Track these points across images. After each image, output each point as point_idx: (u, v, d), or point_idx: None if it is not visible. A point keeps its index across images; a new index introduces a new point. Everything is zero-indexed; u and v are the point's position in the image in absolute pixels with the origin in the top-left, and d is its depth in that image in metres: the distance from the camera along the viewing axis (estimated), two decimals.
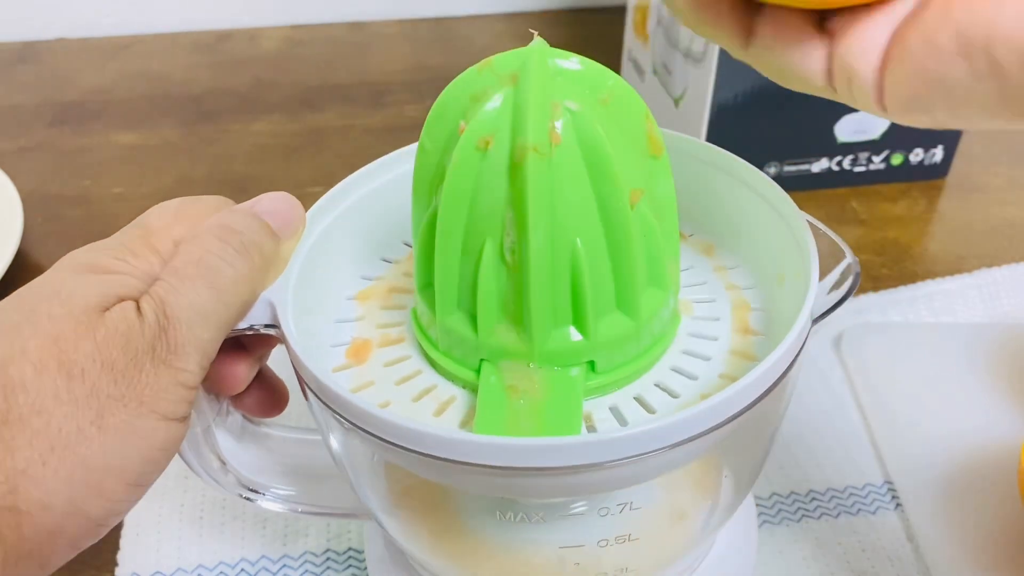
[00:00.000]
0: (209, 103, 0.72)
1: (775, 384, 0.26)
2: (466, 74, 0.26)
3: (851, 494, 0.42)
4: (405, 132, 0.68)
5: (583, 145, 0.25)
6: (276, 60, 0.78)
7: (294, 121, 0.70)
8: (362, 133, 0.68)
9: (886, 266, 0.55)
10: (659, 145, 0.27)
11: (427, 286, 0.29)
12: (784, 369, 0.26)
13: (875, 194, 0.61)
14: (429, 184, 0.27)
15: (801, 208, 0.30)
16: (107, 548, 0.40)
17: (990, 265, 0.53)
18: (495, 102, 0.25)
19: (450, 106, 0.26)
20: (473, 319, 0.27)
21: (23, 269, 0.54)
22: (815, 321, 0.28)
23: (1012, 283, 0.51)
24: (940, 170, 0.62)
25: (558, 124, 0.24)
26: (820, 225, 0.30)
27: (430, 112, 0.27)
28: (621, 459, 0.24)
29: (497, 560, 0.32)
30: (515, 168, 0.25)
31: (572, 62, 0.25)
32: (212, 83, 0.75)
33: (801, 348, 0.27)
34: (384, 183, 0.33)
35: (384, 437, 0.25)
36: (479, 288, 0.26)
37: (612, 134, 0.25)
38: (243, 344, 0.30)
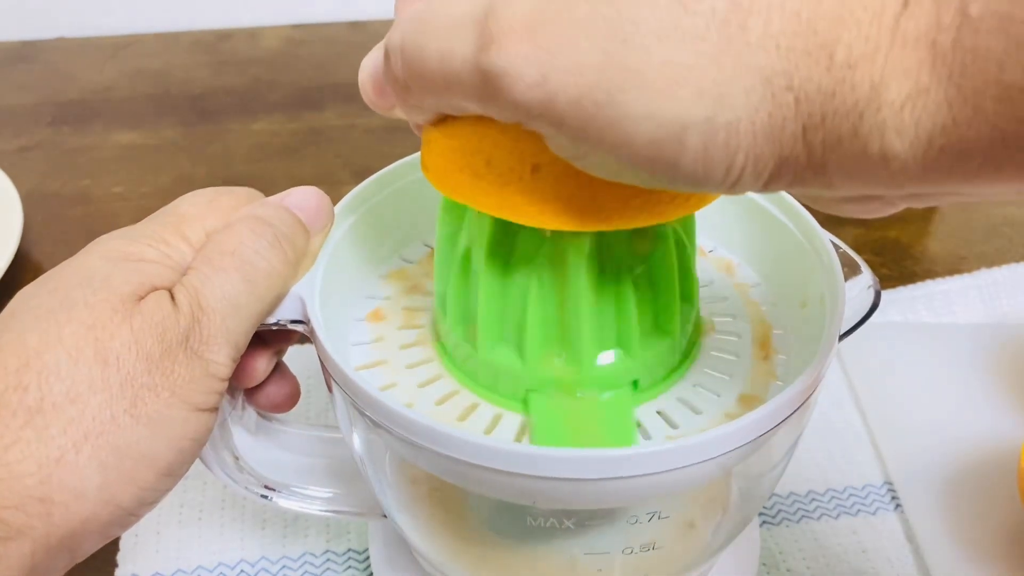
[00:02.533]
0: (209, 103, 0.72)
1: (803, 404, 0.26)
2: None
3: (851, 494, 0.42)
4: (405, 132, 0.68)
5: None
6: (276, 60, 0.78)
7: (294, 121, 0.70)
8: (362, 133, 0.68)
9: (886, 266, 0.55)
10: None
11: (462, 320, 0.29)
12: (813, 389, 0.26)
13: None
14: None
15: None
16: (107, 548, 0.39)
17: (990, 265, 0.52)
18: None
19: None
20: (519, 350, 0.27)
21: (23, 269, 0.54)
22: (839, 340, 0.28)
23: (1012, 283, 0.51)
24: None
25: None
26: (840, 243, 0.30)
27: None
28: (641, 474, 0.24)
29: (517, 565, 0.32)
30: None
31: None
32: (212, 83, 0.75)
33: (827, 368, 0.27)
34: (406, 184, 0.34)
35: (414, 439, 0.25)
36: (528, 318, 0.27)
37: None
38: (263, 337, 0.30)
